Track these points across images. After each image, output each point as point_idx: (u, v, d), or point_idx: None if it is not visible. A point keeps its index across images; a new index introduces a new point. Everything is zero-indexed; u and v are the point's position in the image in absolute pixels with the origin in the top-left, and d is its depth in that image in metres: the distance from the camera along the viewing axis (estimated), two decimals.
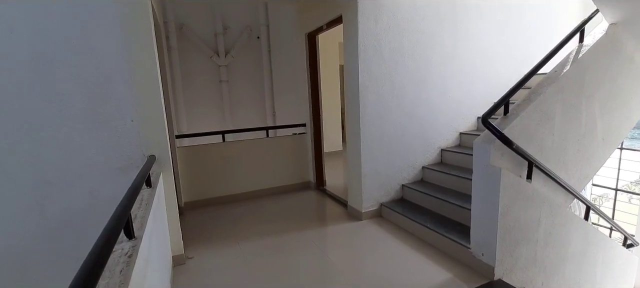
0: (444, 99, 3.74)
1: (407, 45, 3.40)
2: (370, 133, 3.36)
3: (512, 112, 2.37)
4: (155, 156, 2.53)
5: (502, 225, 2.21)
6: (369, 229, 3.26)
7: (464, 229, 2.77)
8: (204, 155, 4.18)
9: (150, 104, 2.50)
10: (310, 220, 3.61)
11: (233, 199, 4.32)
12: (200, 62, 5.75)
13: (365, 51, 3.19)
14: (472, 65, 3.86)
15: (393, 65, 3.36)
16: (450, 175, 3.37)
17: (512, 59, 4.16)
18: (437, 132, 3.77)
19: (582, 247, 2.79)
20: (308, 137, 4.70)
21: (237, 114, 6.13)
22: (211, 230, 3.47)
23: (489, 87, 4.05)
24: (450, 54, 3.68)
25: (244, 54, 6.01)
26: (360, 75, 3.20)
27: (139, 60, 2.43)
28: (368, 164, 3.40)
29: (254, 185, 4.45)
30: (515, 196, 2.23)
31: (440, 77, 3.66)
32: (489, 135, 2.23)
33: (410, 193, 3.56)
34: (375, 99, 3.33)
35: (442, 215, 3.10)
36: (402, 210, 3.30)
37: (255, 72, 6.11)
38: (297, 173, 4.71)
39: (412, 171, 3.68)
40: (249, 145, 4.41)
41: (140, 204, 1.79)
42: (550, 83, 2.47)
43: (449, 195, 3.17)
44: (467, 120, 3.96)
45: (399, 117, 3.49)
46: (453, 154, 3.72)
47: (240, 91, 6.10)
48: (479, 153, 2.27)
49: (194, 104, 5.79)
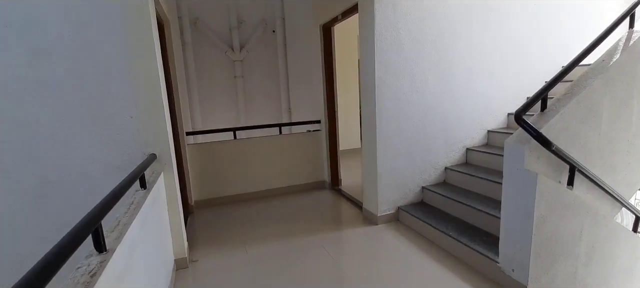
0: (470, 93, 3.40)
1: (429, 34, 3.10)
2: (387, 130, 3.10)
3: (550, 108, 2.04)
4: (155, 155, 2.40)
5: (538, 238, 1.91)
6: (385, 235, 3.01)
7: (491, 240, 2.48)
8: (215, 152, 4.06)
9: (150, 100, 2.37)
10: (323, 223, 3.40)
11: (244, 198, 4.18)
12: (215, 58, 5.64)
13: (382, 41, 2.93)
14: (502, 56, 3.50)
15: (413, 56, 3.07)
16: (477, 178, 3.06)
17: (546, 49, 3.75)
18: (462, 129, 3.44)
19: (629, 263, 2.42)
20: (323, 135, 4.48)
21: (251, 110, 6.00)
22: (219, 230, 3.34)
23: (520, 80, 3.66)
24: (478, 44, 3.34)
25: (259, 49, 5.85)
26: (376, 68, 2.95)
27: (139, 54, 2.30)
28: (384, 164, 3.14)
29: (266, 185, 4.29)
30: (553, 205, 1.92)
31: (466, 69, 3.33)
32: (523, 134, 1.93)
33: (431, 197, 3.27)
34: (393, 93, 3.06)
35: (467, 223, 2.80)
36: (421, 215, 3.02)
37: (270, 67, 5.95)
38: (311, 173, 4.51)
39: (433, 172, 3.39)
40: (261, 142, 4.26)
41: (128, 209, 1.64)
42: (597, 74, 2.12)
43: (474, 200, 2.87)
44: (495, 117, 3.60)
45: (420, 113, 3.20)
46: (480, 154, 3.39)
47: (255, 87, 5.96)
48: (511, 155, 1.97)
49: (208, 100, 5.71)
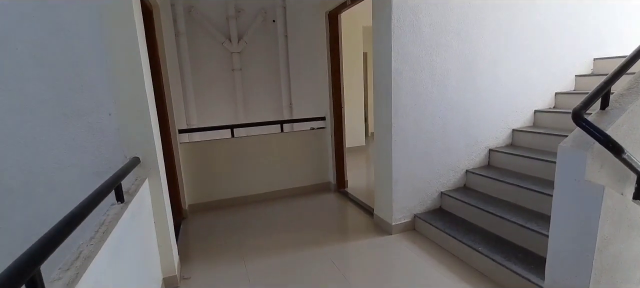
0: (495, 88, 3.05)
1: (452, 20, 2.74)
2: (404, 129, 2.75)
3: (613, 106, 1.70)
4: (139, 158, 2.04)
5: (599, 263, 1.58)
6: (401, 247, 2.68)
7: (529, 258, 2.15)
8: (211, 152, 3.71)
9: (132, 94, 2.01)
10: (329, 232, 3.07)
11: (243, 202, 3.83)
12: (211, 49, 5.26)
13: (400, 27, 2.57)
14: (530, 47, 3.14)
15: (434, 45, 2.72)
16: (504, 183, 2.72)
17: (576, 40, 3.40)
18: (485, 128, 3.10)
19: None
20: (328, 132, 4.14)
21: (250, 106, 5.63)
22: (216, 239, 3.00)
23: (549, 74, 3.31)
24: (504, 32, 2.98)
25: (259, 40, 5.47)
26: (393, 58, 2.59)
27: (119, 41, 1.94)
28: (400, 167, 2.80)
29: (266, 187, 3.95)
30: (618, 224, 1.59)
31: (490, 61, 2.98)
32: (583, 137, 1.59)
33: (450, 203, 2.94)
34: (411, 87, 2.71)
35: (495, 235, 2.47)
36: (442, 225, 2.69)
37: (270, 59, 5.57)
38: (315, 173, 4.17)
39: (453, 176, 3.05)
40: (261, 141, 3.90)
41: (95, 232, 1.29)
42: None
43: (503, 209, 2.53)
44: (521, 114, 3.26)
45: (440, 110, 2.85)
46: (504, 156, 3.05)
47: (254, 80, 5.59)
48: (567, 163, 1.63)
49: (204, 95, 5.33)
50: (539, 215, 2.38)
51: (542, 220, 2.30)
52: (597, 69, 3.57)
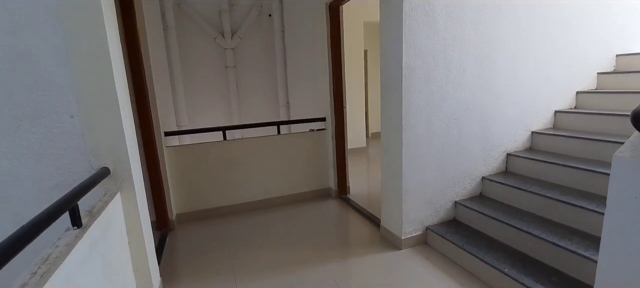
0: (514, 85, 2.76)
1: (469, 10, 2.44)
2: (416, 133, 2.45)
3: None
4: (108, 168, 1.73)
5: None
6: (413, 265, 2.38)
7: (565, 282, 1.85)
8: (201, 156, 3.39)
9: (100, 93, 1.69)
10: (332, 246, 2.76)
11: (235, 211, 3.52)
12: (203, 45, 4.94)
13: (413, 17, 2.27)
14: (551, 41, 2.85)
15: (449, 38, 2.42)
16: (526, 192, 2.43)
17: (599, 35, 3.11)
18: (503, 130, 2.81)
19: None
20: (328, 134, 3.83)
21: (245, 106, 5.31)
22: (205, 253, 2.68)
23: (570, 71, 3.03)
24: (524, 23, 2.69)
25: (254, 35, 5.15)
26: (404, 52, 2.29)
27: (83, 30, 1.62)
28: (412, 175, 2.50)
29: (262, 194, 3.63)
30: None
31: (509, 56, 2.69)
32: None
33: (466, 214, 2.64)
34: (424, 85, 2.41)
35: (521, 253, 2.17)
36: (458, 240, 2.39)
37: (266, 56, 5.26)
38: (314, 179, 3.86)
39: (468, 184, 2.75)
40: (256, 144, 3.59)
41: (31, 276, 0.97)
42: None
43: (528, 222, 2.24)
44: (541, 115, 2.97)
45: (455, 111, 2.56)
46: (524, 161, 2.76)
47: (249, 79, 5.27)
48: (627, 178, 1.33)
49: (195, 94, 5.01)
50: (572, 230, 2.09)
51: (577, 236, 2.01)
52: (619, 66, 3.29)
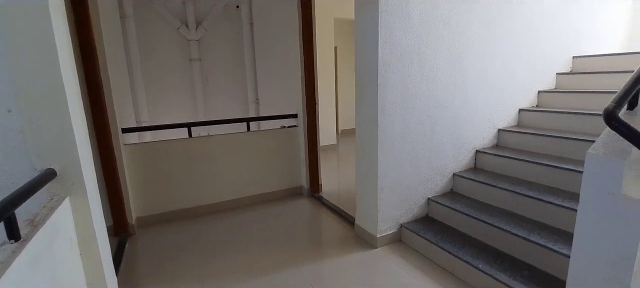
0: (483, 84, 2.83)
1: (443, 6, 2.45)
2: (391, 130, 2.43)
3: None
4: (54, 170, 1.51)
5: None
6: (389, 264, 2.36)
7: (536, 276, 1.91)
8: (164, 154, 3.15)
9: (44, 84, 1.47)
10: (305, 247, 2.68)
11: (203, 212, 3.32)
12: (165, 35, 4.63)
13: (389, 13, 2.23)
14: (516, 42, 2.96)
15: (424, 35, 2.42)
16: (496, 188, 2.49)
17: (559, 36, 3.28)
18: (472, 128, 2.87)
19: None
20: (300, 131, 3.73)
21: (212, 101, 5.06)
22: (170, 260, 2.49)
23: (532, 71, 3.16)
24: (493, 24, 2.76)
25: (220, 27, 4.91)
26: (380, 48, 2.25)
27: (22, 14, 1.39)
28: (387, 173, 2.48)
29: (231, 194, 3.46)
30: None
31: (479, 55, 2.74)
32: (618, 143, 1.34)
33: (439, 211, 2.67)
34: (399, 82, 2.39)
35: (494, 248, 2.22)
36: (432, 236, 2.41)
37: (234, 49, 5.04)
38: (286, 177, 3.75)
39: (440, 180, 2.79)
40: (224, 141, 3.40)
41: None
42: None
43: (499, 218, 2.30)
44: (507, 113, 3.07)
45: (428, 108, 2.57)
46: (492, 158, 2.84)
47: (216, 72, 5.02)
48: (599, 174, 1.37)
49: (157, 88, 4.69)
50: (540, 225, 2.17)
51: (546, 230, 2.08)
52: (576, 67, 3.50)
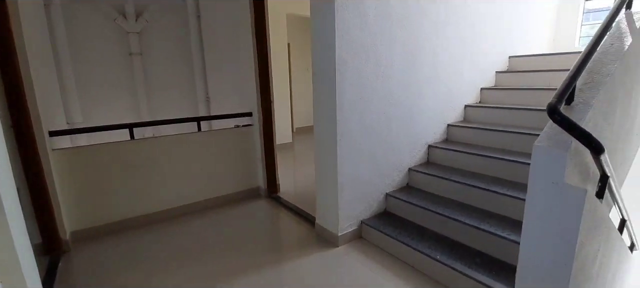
0: (435, 82, 2.95)
1: (396, 6, 2.49)
2: (350, 127, 2.42)
3: (579, 101, 1.62)
4: None
5: (574, 270, 1.47)
6: (351, 262, 2.36)
7: (488, 262, 2.03)
8: (102, 159, 2.83)
9: None
10: (265, 251, 2.58)
11: (150, 221, 3.05)
12: (99, 26, 4.17)
13: (345, 10, 2.21)
14: (463, 42, 3.13)
15: (379, 33, 2.44)
16: (448, 181, 2.62)
17: (498, 37, 3.54)
18: (425, 124, 2.98)
19: (614, 270, 2.25)
20: (256, 130, 3.59)
21: (157, 100, 4.69)
22: (112, 278, 2.24)
23: (478, 69, 3.39)
24: (443, 22, 2.88)
25: (164, 19, 4.56)
26: (337, 44, 2.22)
27: None
28: (347, 170, 2.47)
29: (181, 199, 3.22)
30: (590, 226, 1.51)
31: (431, 52, 2.85)
32: (559, 135, 1.45)
33: (397, 205, 2.74)
34: (357, 79, 2.39)
35: (450, 239, 2.32)
36: (392, 231, 2.46)
37: (180, 43, 4.71)
38: (242, 178, 3.59)
39: (397, 176, 2.86)
40: (173, 142, 3.15)
41: None
42: (615, 61, 1.78)
43: (452, 209, 2.41)
44: (455, 109, 3.25)
45: (385, 105, 2.60)
46: (443, 152, 2.98)
47: (160, 68, 4.66)
48: (544, 164, 1.47)
49: (91, 85, 4.22)
50: (489, 213, 2.31)
51: (494, 219, 2.23)
52: (512, 66, 3.81)
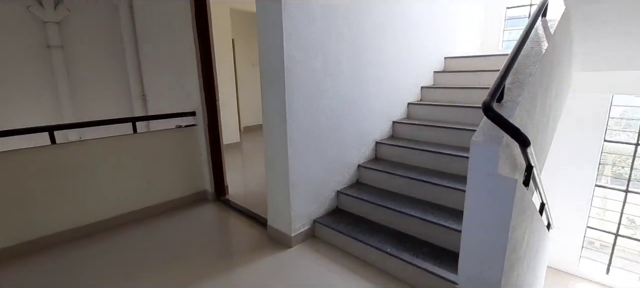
0: (380, 79, 3.05)
1: (341, 5, 2.52)
2: (300, 126, 2.40)
3: (508, 99, 1.78)
4: None
5: (508, 252, 1.63)
6: (305, 262, 2.34)
7: (434, 251, 2.16)
8: (16, 168, 2.44)
9: None
10: (215, 258, 2.45)
11: (80, 236, 2.72)
12: (8, 14, 3.60)
13: (291, 7, 2.17)
14: (406, 40, 3.29)
15: (326, 30, 2.45)
16: (394, 176, 2.73)
17: (436, 38, 3.79)
18: (372, 121, 3.08)
19: (537, 248, 2.54)
20: (200, 130, 3.39)
21: (82, 99, 4.19)
22: None
23: (421, 67, 3.59)
24: (388, 21, 2.99)
25: (88, 7, 4.09)
26: (285, 41, 2.18)
27: None
28: (298, 169, 2.45)
29: (116, 209, 2.92)
30: (520, 211, 1.68)
31: (377, 50, 2.94)
32: (494, 131, 1.58)
33: (348, 202, 2.79)
34: (306, 77, 2.37)
35: (399, 232, 2.42)
36: (344, 228, 2.49)
37: (108, 35, 4.26)
38: (186, 182, 3.37)
39: (347, 172, 2.91)
40: (104, 146, 2.84)
41: None
42: (535, 62, 1.99)
43: (400, 203, 2.52)
44: (399, 106, 3.41)
45: (334, 103, 2.63)
46: (389, 148, 3.10)
47: (85, 63, 4.17)
48: (480, 158, 1.60)
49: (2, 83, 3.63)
50: (433, 205, 2.46)
51: (437, 210, 2.37)
52: (447, 67, 4.10)
